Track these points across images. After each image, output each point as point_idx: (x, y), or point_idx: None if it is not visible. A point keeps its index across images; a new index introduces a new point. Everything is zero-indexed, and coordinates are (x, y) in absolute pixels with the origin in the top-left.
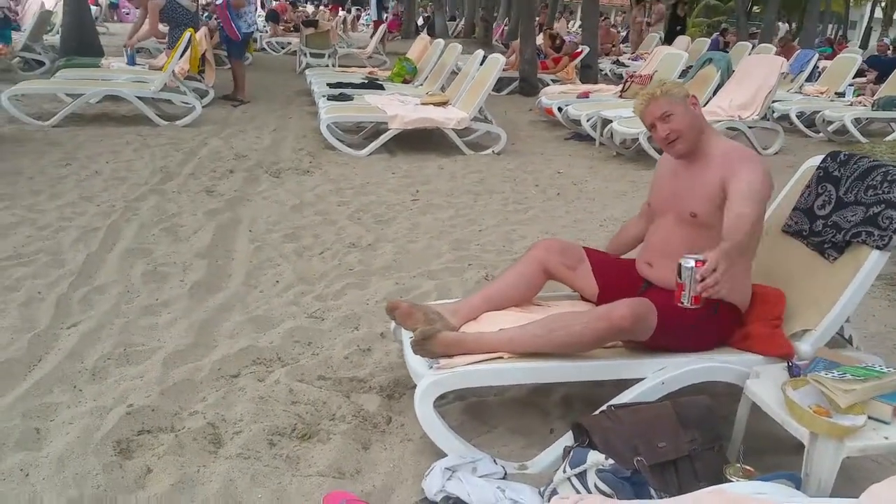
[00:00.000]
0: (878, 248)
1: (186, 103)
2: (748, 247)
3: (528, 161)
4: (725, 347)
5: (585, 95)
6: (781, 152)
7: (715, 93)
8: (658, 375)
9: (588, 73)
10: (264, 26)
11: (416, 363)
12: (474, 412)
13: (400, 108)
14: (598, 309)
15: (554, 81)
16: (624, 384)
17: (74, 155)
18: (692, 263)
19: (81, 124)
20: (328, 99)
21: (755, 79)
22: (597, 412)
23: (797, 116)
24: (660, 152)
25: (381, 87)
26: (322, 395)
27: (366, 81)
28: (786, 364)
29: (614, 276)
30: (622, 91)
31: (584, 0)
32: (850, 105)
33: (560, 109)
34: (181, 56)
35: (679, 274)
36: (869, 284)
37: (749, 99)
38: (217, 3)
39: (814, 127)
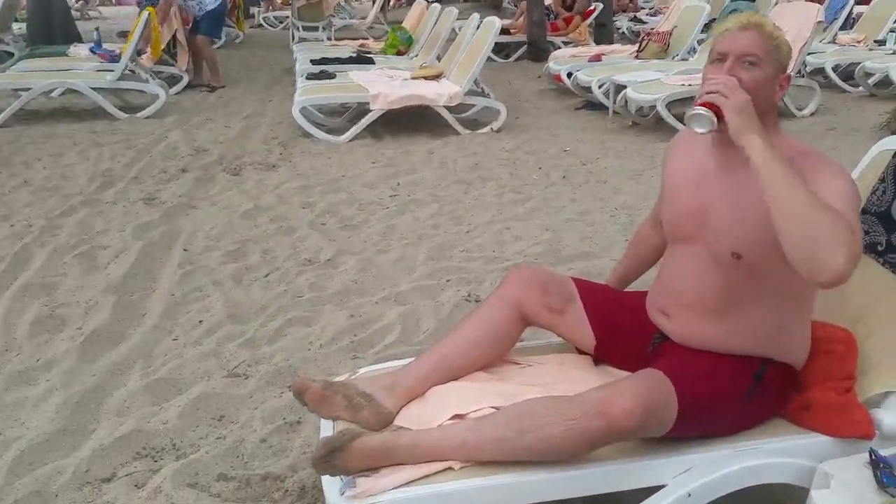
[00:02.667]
0: None
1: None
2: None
3: (532, 138)
4: (776, 420)
5: (598, 58)
6: (818, 112)
7: None
8: (682, 483)
9: (603, 32)
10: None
11: (325, 484)
12: None
13: (385, 85)
14: (590, 398)
15: (566, 44)
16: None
17: (10, 160)
18: None
19: (32, 122)
20: (307, 78)
21: (788, 30)
22: None
23: (833, 69)
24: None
25: (370, 62)
26: None
27: (354, 56)
28: (868, 457)
29: (617, 322)
30: (638, 51)
31: None
32: (894, 54)
33: (569, 75)
34: (139, 39)
35: None
36: None
37: None
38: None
39: (852, 80)
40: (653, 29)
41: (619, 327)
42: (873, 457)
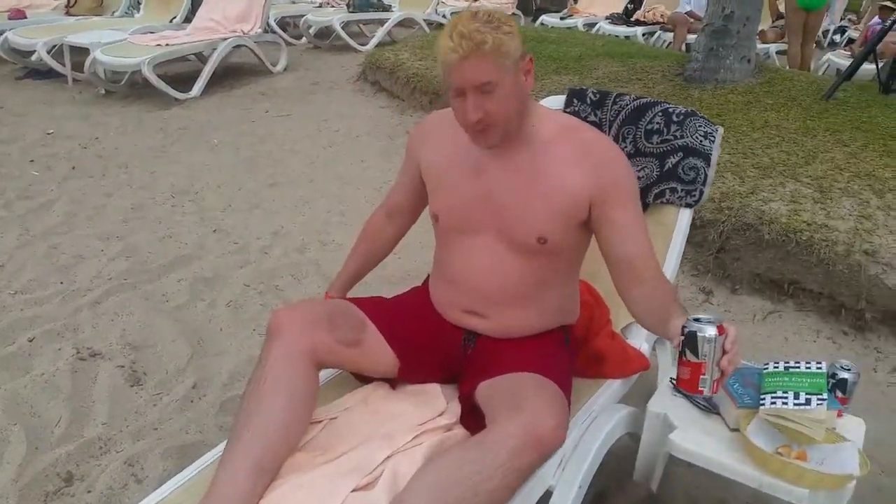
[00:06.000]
0: (688, 206)
1: None
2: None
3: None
4: (577, 378)
5: (20, 14)
6: (291, 68)
7: (193, 3)
8: (569, 480)
9: None
10: None
11: None
12: None
13: None
14: (507, 435)
15: None
16: None
17: None
18: (714, 332)
19: None
20: None
21: None
22: None
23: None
24: None
25: None
26: None
27: None
28: (670, 389)
29: (415, 335)
30: (69, 6)
31: None
32: (321, 7)
33: None
34: None
35: (689, 348)
36: (682, 250)
37: (245, 10)
38: None
39: (287, 32)
40: None
41: (419, 341)
42: (679, 391)
